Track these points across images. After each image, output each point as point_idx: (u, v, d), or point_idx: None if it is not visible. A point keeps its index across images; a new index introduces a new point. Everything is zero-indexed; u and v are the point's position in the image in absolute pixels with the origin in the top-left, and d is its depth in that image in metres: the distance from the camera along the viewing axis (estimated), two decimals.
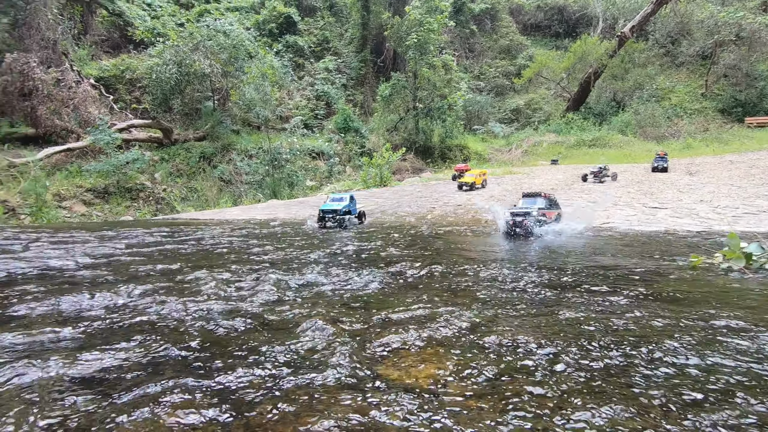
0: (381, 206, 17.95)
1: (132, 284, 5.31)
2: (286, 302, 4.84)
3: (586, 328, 3.97)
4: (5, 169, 21.74)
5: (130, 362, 3.14)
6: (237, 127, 30.83)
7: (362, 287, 5.62)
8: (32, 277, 5.85)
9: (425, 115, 34.52)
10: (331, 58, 41.70)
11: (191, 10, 39.99)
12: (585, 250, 8.64)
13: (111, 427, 2.34)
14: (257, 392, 2.72)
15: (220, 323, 4.02)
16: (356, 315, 4.38)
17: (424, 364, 3.20)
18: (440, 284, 5.88)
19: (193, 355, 3.28)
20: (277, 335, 3.75)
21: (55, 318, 4.09)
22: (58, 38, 26.67)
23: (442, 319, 4.19)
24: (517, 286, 5.63)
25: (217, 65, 27.60)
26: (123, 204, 23.73)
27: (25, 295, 4.87)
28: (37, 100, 24.25)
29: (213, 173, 27.09)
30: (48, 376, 2.86)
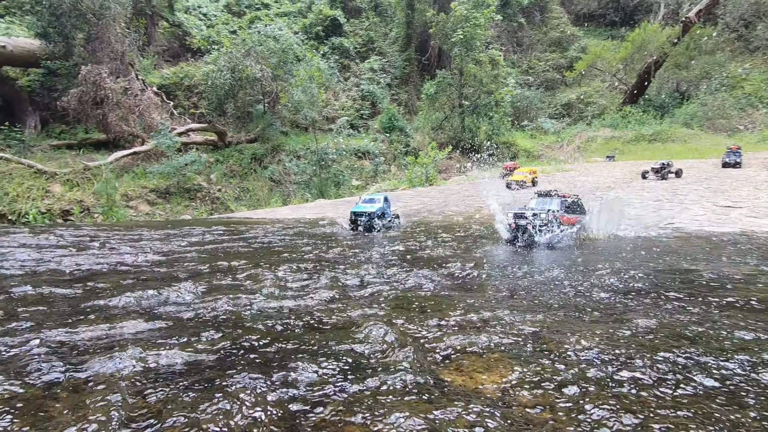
0: (427, 206, 17.80)
1: (198, 281, 5.59)
2: (342, 301, 4.88)
3: (661, 339, 3.68)
4: (81, 171, 23.73)
5: (202, 357, 3.28)
6: (286, 129, 31.80)
7: (415, 288, 5.57)
8: (110, 273, 6.32)
9: (471, 112, 33.86)
10: (375, 58, 41.96)
11: (243, 17, 41.73)
12: (651, 252, 8.07)
13: (188, 420, 2.45)
14: (324, 392, 2.74)
15: (281, 321, 4.12)
16: (413, 317, 4.34)
17: (490, 371, 3.10)
18: (495, 286, 5.71)
19: (259, 353, 3.37)
20: (336, 335, 3.78)
21: (133, 312, 4.38)
22: (125, 50, 28.72)
23: (502, 324, 4.06)
24: (578, 290, 5.34)
25: (268, 69, 28.60)
26: (182, 203, 25.18)
27: (105, 289, 5.26)
28: (108, 108, 26.25)
29: (263, 174, 28.11)
30: (130, 368, 3.05)
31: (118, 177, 24.60)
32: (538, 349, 3.46)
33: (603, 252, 8.26)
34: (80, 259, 7.12)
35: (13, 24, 30.77)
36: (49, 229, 12.13)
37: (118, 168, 25.32)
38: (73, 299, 4.81)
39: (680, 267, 6.62)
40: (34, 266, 6.61)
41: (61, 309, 4.43)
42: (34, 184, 22.00)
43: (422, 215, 16.00)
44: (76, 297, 4.89)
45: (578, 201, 10.67)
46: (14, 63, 26.61)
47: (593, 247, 9.16)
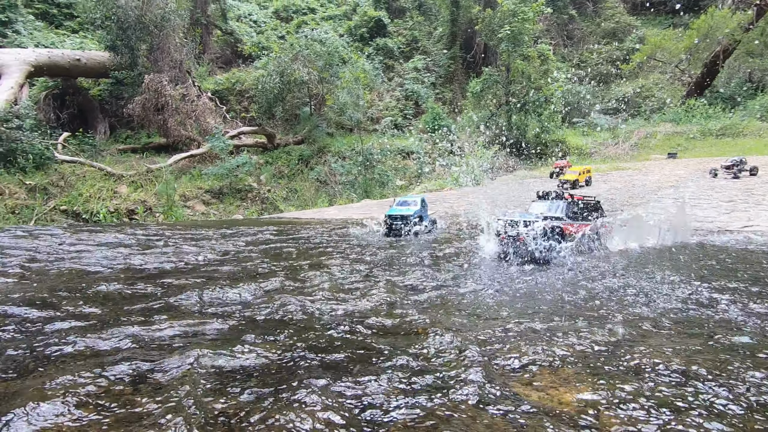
0: (474, 205, 17.43)
1: (258, 281, 5.76)
2: (399, 306, 4.84)
3: (757, 356, 3.32)
4: (144, 174, 25.37)
5: (271, 359, 3.34)
6: (331, 130, 32.36)
7: (470, 292, 5.42)
8: (177, 271, 6.67)
9: (519, 109, 32.82)
10: (419, 58, 41.75)
11: (290, 22, 42.94)
12: (730, 258, 7.39)
13: (263, 425, 2.48)
14: (396, 403, 2.69)
15: (344, 324, 4.14)
16: (473, 324, 4.21)
17: (566, 386, 2.92)
18: (554, 292, 5.43)
19: (326, 357, 3.39)
20: (401, 341, 3.73)
21: (202, 311, 4.57)
22: (183, 59, 30.41)
23: (570, 334, 3.84)
24: (652, 299, 4.97)
25: (314, 72, 29.22)
26: (234, 203, 26.28)
27: (175, 287, 5.55)
28: (168, 114, 27.90)
29: (310, 174, 28.75)
30: (204, 368, 3.15)
31: (177, 178, 26.04)
32: (617, 364, 3.23)
33: (660, 259, 7.64)
34: (151, 258, 7.57)
35: (85, 39, 33.53)
36: (121, 228, 13.06)
37: (177, 170, 26.82)
38: (149, 297, 5.10)
39: (762, 277, 6.01)
40: (113, 264, 7.11)
41: (139, 306, 4.71)
42: (104, 185, 23.76)
43: (469, 216, 15.69)
44: (151, 295, 5.18)
45: (593, 204, 8.87)
46: (87, 74, 28.86)
47: (646, 253, 8.44)
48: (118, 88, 29.44)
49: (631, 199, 16.68)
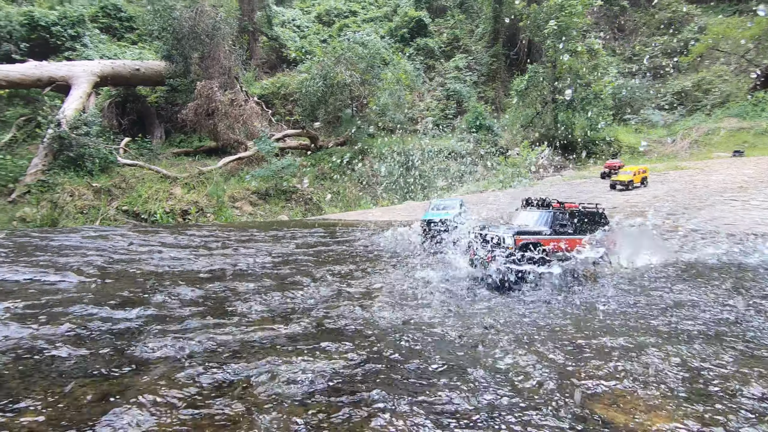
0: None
1: (316, 285, 5.88)
2: (462, 317, 4.77)
3: None
4: (196, 176, 26.64)
5: (342, 369, 3.39)
6: (373, 132, 32.59)
7: (533, 304, 5.26)
8: (237, 274, 6.94)
9: (566, 107, 31.58)
10: (461, 56, 41.17)
11: (332, 26, 43.63)
12: None
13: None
14: (477, 421, 2.65)
15: (409, 334, 4.13)
16: (543, 339, 4.08)
17: (654, 412, 2.77)
18: (629, 307, 5.15)
19: (399, 369, 3.39)
20: (471, 355, 3.67)
21: (266, 316, 4.72)
22: (231, 65, 31.64)
23: (647, 354, 3.62)
24: (738, 314, 4.61)
25: (356, 75, 29.51)
26: (279, 204, 27.05)
27: (236, 290, 5.77)
28: (218, 118, 29.12)
29: (352, 176, 29.09)
30: (277, 378, 3.24)
31: (226, 180, 27.15)
32: (708, 390, 3.02)
33: (725, 275, 6.97)
34: (213, 260, 7.93)
35: (143, 49, 35.68)
36: (180, 229, 13.79)
37: (226, 172, 27.95)
38: (219, 300, 5.34)
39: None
40: (182, 265, 7.51)
41: (211, 309, 4.93)
42: (161, 187, 25.16)
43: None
44: (221, 298, 5.42)
45: (594, 213, 7.38)
46: (146, 83, 30.68)
47: (706, 268, 7.43)
48: (173, 95, 31.02)
49: (694, 202, 15.62)
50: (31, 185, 22.18)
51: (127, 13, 36.96)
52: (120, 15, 36.92)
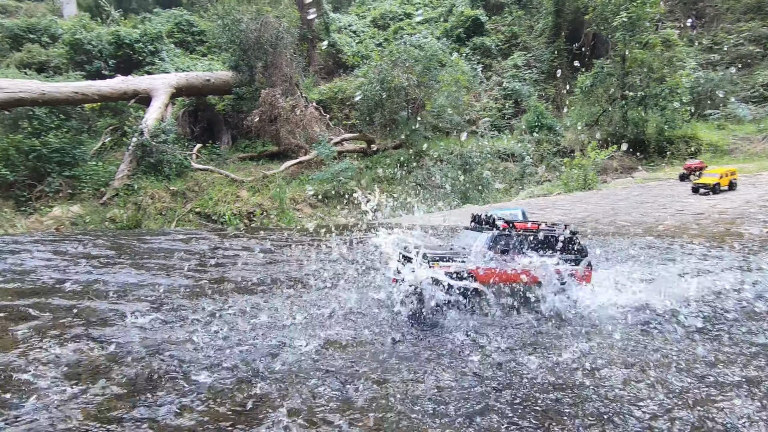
0: (592, 214, 16.06)
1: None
2: (567, 337, 4.57)
3: None
4: (260, 179, 27.95)
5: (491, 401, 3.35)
6: (429, 134, 32.43)
7: (644, 325, 4.92)
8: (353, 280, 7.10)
9: (638, 103, 29.53)
10: (519, 54, 39.86)
11: (387, 29, 43.99)
12: None
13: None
14: None
15: (545, 357, 4.02)
16: (666, 365, 3.79)
17: None
18: (743, 327, 4.68)
19: (542, 403, 3.27)
20: (604, 389, 3.50)
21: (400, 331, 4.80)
22: (292, 72, 32.85)
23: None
24: None
25: (413, 77, 29.51)
26: (338, 207, 27.69)
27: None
28: (280, 124, 30.38)
29: (408, 179, 29.12)
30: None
31: (288, 183, 28.24)
32: None
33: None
34: (311, 267, 8.16)
35: (212, 61, 38.08)
36: (253, 233, 14.53)
37: (288, 175, 29.07)
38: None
39: None
40: (283, 271, 7.86)
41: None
42: (229, 190, 26.66)
43: (589, 224, 14.48)
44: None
45: (558, 238, 5.90)
46: (215, 92, 32.70)
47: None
48: (239, 103, 32.75)
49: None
50: (119, 189, 24.40)
51: (199, 28, 39.59)
52: (192, 30, 39.63)
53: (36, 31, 34.13)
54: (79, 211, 22.96)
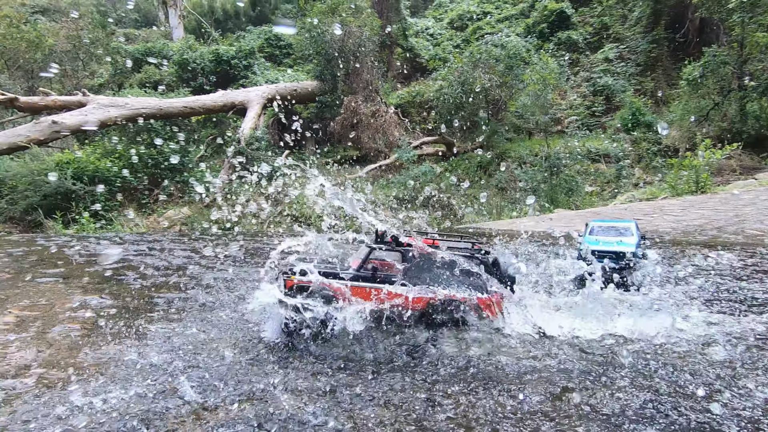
0: (711, 221, 14.30)
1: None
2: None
3: None
4: (343, 183, 28.98)
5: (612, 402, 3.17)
6: (510, 135, 31.36)
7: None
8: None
9: (761, 94, 25.88)
10: (611, 46, 36.99)
11: (465, 30, 43.36)
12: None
13: None
14: None
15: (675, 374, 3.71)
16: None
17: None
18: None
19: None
20: None
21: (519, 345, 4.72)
22: (372, 79, 33.67)
23: None
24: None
25: (495, 77, 28.73)
26: (417, 210, 27.79)
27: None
28: (361, 129, 31.32)
29: (490, 182, 28.38)
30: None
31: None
32: None
33: None
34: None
35: (297, 72, 40.35)
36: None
37: (368, 179, 29.84)
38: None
39: None
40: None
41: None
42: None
43: (709, 234, 12.92)
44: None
45: (454, 262, 5.01)
46: (301, 101, 34.62)
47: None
48: (322, 111, 34.30)
49: None
50: (220, 193, 26.76)
51: (286, 42, 42.20)
52: (280, 44, 42.40)
53: (152, 54, 38.76)
54: (187, 213, 25.62)
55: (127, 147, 26.85)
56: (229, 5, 49.37)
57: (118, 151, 26.79)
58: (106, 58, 40.10)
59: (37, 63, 35.67)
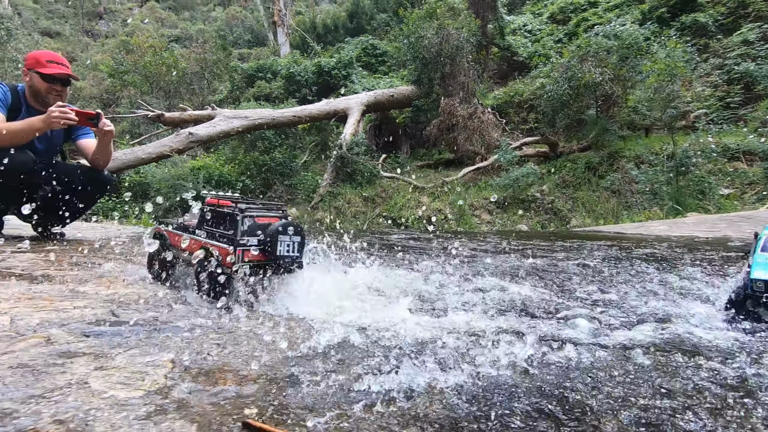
0: None
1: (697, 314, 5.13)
2: None
3: None
4: (439, 186, 28.97)
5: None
6: (624, 133, 28.66)
7: None
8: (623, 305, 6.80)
9: None
10: (751, 26, 31.92)
11: (568, 23, 40.79)
12: None
13: None
14: None
15: None
16: None
17: None
18: None
19: None
20: None
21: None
22: (469, 80, 33.22)
23: None
24: None
25: (607, 71, 26.52)
26: (517, 214, 26.68)
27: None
28: (458, 132, 31.05)
29: (600, 183, 26.21)
30: None
31: (466, 190, 28.55)
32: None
33: None
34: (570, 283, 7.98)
35: (392, 78, 41.41)
36: (473, 236, 15.04)
37: (465, 182, 29.43)
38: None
39: None
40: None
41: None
42: (412, 196, 28.38)
43: None
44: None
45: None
46: (396, 106, 35.46)
47: None
48: (417, 115, 34.71)
49: None
50: (323, 195, 28.46)
51: (381, 50, 43.63)
52: (376, 52, 43.95)
53: (263, 71, 42.75)
54: (296, 214, 27.64)
55: (245, 154, 29.86)
56: (329, 20, 52.53)
57: (237, 158, 29.90)
58: (225, 76, 45.17)
59: (173, 84, 41.44)
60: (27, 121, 4.79)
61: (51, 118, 4.73)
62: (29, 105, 5.40)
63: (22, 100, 5.37)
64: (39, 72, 5.21)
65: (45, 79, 5.20)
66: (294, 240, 3.85)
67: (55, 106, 4.83)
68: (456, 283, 5.87)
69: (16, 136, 4.72)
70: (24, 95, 5.45)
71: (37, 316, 3.20)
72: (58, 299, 3.81)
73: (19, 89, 5.41)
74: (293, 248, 3.85)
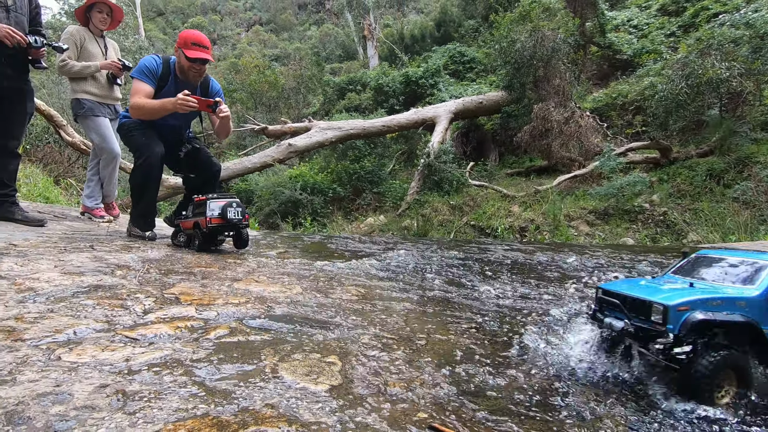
0: None
1: None
2: None
3: None
4: (532, 194, 27.62)
5: None
6: (758, 135, 24.77)
7: None
8: None
9: None
10: None
11: (683, 14, 36.56)
12: None
13: None
14: None
15: None
16: None
17: None
18: None
19: None
20: None
21: None
22: (564, 84, 31.32)
23: None
24: None
25: (736, 65, 23.20)
26: (622, 226, 24.36)
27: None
28: (552, 138, 29.38)
29: (725, 193, 22.91)
30: None
31: (562, 199, 26.84)
32: None
33: None
34: None
35: (481, 84, 40.64)
36: (573, 249, 14.21)
37: (560, 190, 27.70)
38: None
39: None
40: None
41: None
42: (501, 205, 27.46)
43: None
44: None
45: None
46: (485, 113, 34.70)
47: None
48: (506, 121, 33.60)
49: None
50: (410, 203, 28.75)
51: (469, 57, 43.14)
52: (463, 59, 43.58)
53: (353, 83, 44.72)
54: (384, 220, 28.32)
55: (336, 163, 31.40)
56: (417, 30, 53.31)
57: (330, 167, 31.56)
58: (319, 90, 48.11)
59: (273, 99, 45.21)
60: (162, 102, 5.88)
61: (177, 103, 5.71)
62: (176, 76, 6.35)
63: (171, 71, 6.31)
64: (184, 53, 6.03)
65: (188, 59, 6.07)
66: (237, 209, 6.14)
67: (182, 94, 5.81)
68: None
69: (153, 113, 5.90)
70: (174, 67, 6.35)
71: (214, 309, 3.70)
72: (224, 295, 4.35)
73: (171, 62, 6.33)
74: (238, 214, 6.06)
